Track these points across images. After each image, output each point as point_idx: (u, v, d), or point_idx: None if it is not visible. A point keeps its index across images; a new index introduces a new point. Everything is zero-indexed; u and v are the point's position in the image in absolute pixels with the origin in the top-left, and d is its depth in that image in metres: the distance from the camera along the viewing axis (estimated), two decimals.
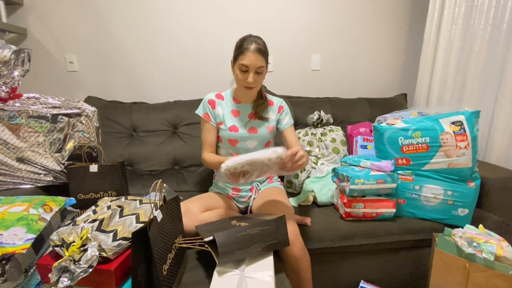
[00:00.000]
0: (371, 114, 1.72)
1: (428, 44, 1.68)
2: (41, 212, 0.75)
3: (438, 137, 1.08)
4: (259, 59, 1.02)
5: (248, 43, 1.02)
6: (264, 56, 1.04)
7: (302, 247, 0.93)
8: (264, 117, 1.16)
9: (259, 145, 1.17)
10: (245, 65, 1.01)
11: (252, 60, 1.01)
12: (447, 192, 1.09)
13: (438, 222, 1.13)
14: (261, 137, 1.16)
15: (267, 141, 1.20)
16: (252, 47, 1.01)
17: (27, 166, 1.10)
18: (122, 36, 1.73)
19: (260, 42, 1.04)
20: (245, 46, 1.01)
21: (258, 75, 1.05)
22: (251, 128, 1.16)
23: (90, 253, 0.60)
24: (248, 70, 1.02)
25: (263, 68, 1.04)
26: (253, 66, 1.02)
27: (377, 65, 1.93)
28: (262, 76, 1.07)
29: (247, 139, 1.15)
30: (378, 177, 1.08)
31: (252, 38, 1.04)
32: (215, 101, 1.17)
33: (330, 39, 1.85)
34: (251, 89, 1.07)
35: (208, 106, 1.16)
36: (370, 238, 1.09)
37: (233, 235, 0.75)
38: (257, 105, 1.16)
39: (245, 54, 1.01)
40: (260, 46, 1.03)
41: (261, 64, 1.03)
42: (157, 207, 0.70)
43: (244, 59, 1.01)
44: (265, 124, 1.17)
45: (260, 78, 1.06)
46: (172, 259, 0.74)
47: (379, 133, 1.19)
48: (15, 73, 1.04)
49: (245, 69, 1.02)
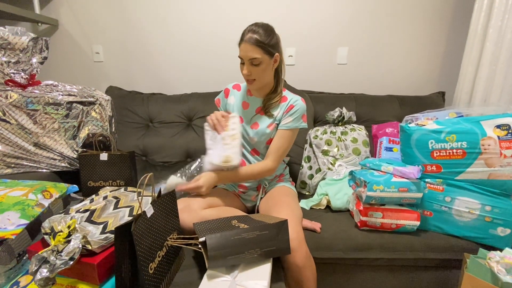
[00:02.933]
0: (401, 113, 1.56)
1: (475, 35, 1.46)
2: (39, 198, 0.75)
3: (478, 143, 0.92)
4: (251, 49, 0.94)
5: (245, 32, 0.96)
6: (260, 46, 0.94)
7: (306, 255, 0.85)
8: (271, 113, 1.07)
9: (259, 141, 1.10)
10: (240, 57, 0.98)
11: (244, 51, 0.96)
12: (485, 207, 0.93)
13: (471, 241, 0.98)
14: (260, 133, 1.08)
15: (268, 138, 1.09)
16: (246, 37, 0.95)
17: (43, 151, 1.13)
18: (146, 28, 1.75)
19: (259, 31, 0.94)
20: (242, 37, 0.97)
21: (255, 67, 0.97)
22: (254, 123, 1.09)
23: (72, 245, 0.58)
24: (243, 62, 0.98)
25: (258, 60, 0.95)
26: (245, 58, 0.96)
27: (411, 58, 1.74)
28: (261, 68, 0.97)
29: (248, 133, 1.11)
30: (401, 184, 0.96)
31: (250, 27, 0.96)
32: (230, 90, 1.16)
33: (360, 30, 1.70)
34: (251, 82, 1.01)
35: (223, 94, 1.17)
36: (387, 252, 0.97)
37: (226, 239, 0.69)
38: (268, 99, 1.08)
39: (241, 45, 0.97)
40: (256, 35, 0.94)
41: (254, 55, 0.94)
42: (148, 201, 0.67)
43: (240, 50, 0.97)
44: (268, 120, 1.08)
45: (259, 70, 0.97)
46: (163, 257, 0.70)
47: (406, 134, 1.05)
48: (34, 60, 1.07)
49: (241, 60, 0.99)
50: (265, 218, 0.86)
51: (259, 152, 1.13)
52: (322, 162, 1.35)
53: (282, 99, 1.09)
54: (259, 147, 1.12)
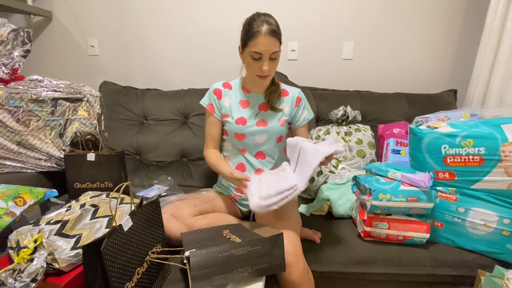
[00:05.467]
0: (409, 112, 1.47)
1: (491, 29, 1.35)
2: (10, 205, 0.68)
3: (498, 149, 0.83)
4: (272, 42, 0.87)
5: (258, 24, 0.87)
6: (278, 38, 0.89)
7: (303, 270, 0.77)
8: (277, 108, 1.02)
9: (269, 140, 1.02)
10: (258, 52, 0.87)
11: (265, 45, 0.86)
12: (503, 220, 0.84)
13: (486, 256, 0.89)
14: (271, 131, 1.01)
15: (279, 135, 1.04)
16: (263, 29, 0.86)
17: (28, 150, 1.07)
18: (142, 22, 1.67)
19: (272, 21, 0.88)
20: (256, 29, 0.86)
21: (273, 61, 0.91)
22: (261, 121, 1.01)
23: (35, 264, 0.51)
24: (262, 58, 0.88)
25: (277, 53, 0.90)
26: (267, 52, 0.87)
27: (421, 54, 1.63)
28: (277, 61, 0.93)
29: (255, 133, 1.01)
30: (410, 193, 0.87)
31: (262, 18, 0.88)
32: (221, 90, 1.04)
33: (367, 24, 1.60)
34: (266, 78, 0.94)
35: (214, 96, 1.04)
36: (392, 266, 0.89)
37: (212, 256, 0.62)
38: (269, 93, 1.01)
39: (256, 39, 0.86)
40: (273, 26, 0.87)
41: (275, 48, 0.89)
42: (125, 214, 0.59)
43: (257, 45, 0.87)
44: (277, 116, 1.02)
45: (275, 64, 0.93)
46: (143, 273, 0.63)
47: (416, 137, 0.96)
48: (15, 53, 1.00)
49: (258, 56, 0.88)
50: (259, 229, 0.78)
51: (266, 155, 1.04)
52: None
53: (283, 92, 1.05)
54: (267, 148, 1.04)
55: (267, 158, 1.05)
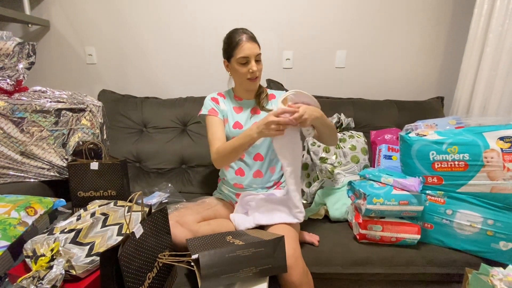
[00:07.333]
0: (399, 119, 1.54)
1: (474, 40, 1.44)
2: (22, 215, 0.71)
3: (481, 155, 0.89)
4: (255, 46, 1.01)
5: (238, 35, 1.01)
6: (258, 43, 1.04)
7: (303, 272, 0.82)
8: (268, 109, 1.11)
9: (265, 140, 1.07)
10: (245, 57, 0.99)
11: (250, 49, 0.99)
12: (487, 221, 0.91)
13: (473, 254, 0.95)
14: None
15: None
16: (245, 36, 1.00)
17: (31, 160, 1.09)
18: (140, 30, 1.70)
19: (248, 31, 1.04)
20: (238, 38, 1.00)
21: (258, 63, 1.03)
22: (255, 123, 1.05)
23: (54, 271, 0.54)
24: (249, 61, 1.00)
25: (260, 55, 1.03)
26: (253, 55, 1.00)
27: (410, 62, 1.71)
28: (261, 63, 1.05)
29: None
30: (402, 197, 0.93)
31: (240, 30, 1.03)
32: (217, 98, 1.14)
33: (359, 33, 1.67)
34: (255, 80, 1.05)
35: (212, 102, 1.12)
36: (386, 266, 0.94)
37: (220, 256, 0.66)
38: (258, 95, 1.13)
39: (241, 46, 0.99)
40: (251, 34, 1.03)
41: (258, 51, 1.02)
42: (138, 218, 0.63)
43: (243, 50, 0.99)
44: None
45: (261, 66, 1.05)
46: (153, 278, 0.67)
47: (406, 144, 1.02)
48: (20, 66, 1.02)
49: (244, 61, 1.00)
50: (261, 234, 0.83)
51: (263, 157, 1.09)
52: (320, 169, 1.32)
53: (270, 96, 1.16)
54: (264, 148, 1.09)
55: (264, 159, 1.09)
